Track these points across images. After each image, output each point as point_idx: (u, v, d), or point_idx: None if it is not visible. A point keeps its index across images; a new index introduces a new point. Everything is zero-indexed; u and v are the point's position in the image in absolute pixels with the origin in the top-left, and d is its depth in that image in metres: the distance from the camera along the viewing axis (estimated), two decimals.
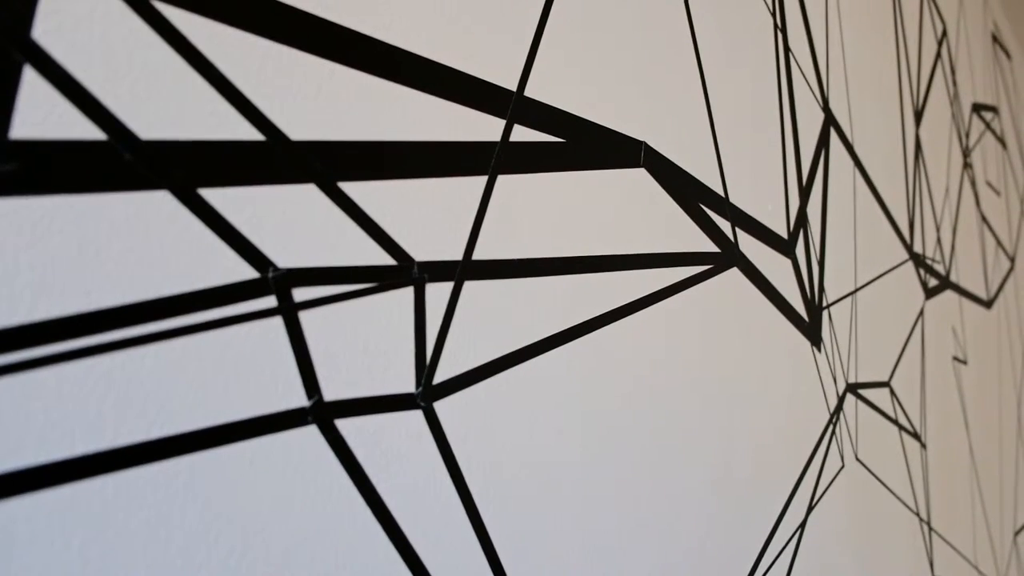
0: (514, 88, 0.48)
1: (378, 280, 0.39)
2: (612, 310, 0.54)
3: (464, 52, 0.45)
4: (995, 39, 2.05)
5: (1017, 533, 1.79)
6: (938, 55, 1.46)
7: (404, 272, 0.40)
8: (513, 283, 0.47)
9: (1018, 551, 1.78)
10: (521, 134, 0.48)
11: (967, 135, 1.64)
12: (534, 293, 0.48)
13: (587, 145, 0.53)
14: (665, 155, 0.62)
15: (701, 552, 0.63)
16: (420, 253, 0.41)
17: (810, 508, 0.80)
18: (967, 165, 1.61)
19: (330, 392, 0.37)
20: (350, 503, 0.37)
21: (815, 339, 0.83)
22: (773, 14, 0.81)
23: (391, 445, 0.39)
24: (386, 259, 0.40)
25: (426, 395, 0.40)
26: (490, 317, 0.45)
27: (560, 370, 0.50)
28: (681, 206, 0.63)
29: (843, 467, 0.88)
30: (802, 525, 0.78)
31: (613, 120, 0.56)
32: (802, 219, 0.83)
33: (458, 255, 0.43)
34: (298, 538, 0.35)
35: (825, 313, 0.86)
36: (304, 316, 0.36)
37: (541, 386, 0.48)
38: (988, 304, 1.69)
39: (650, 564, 0.57)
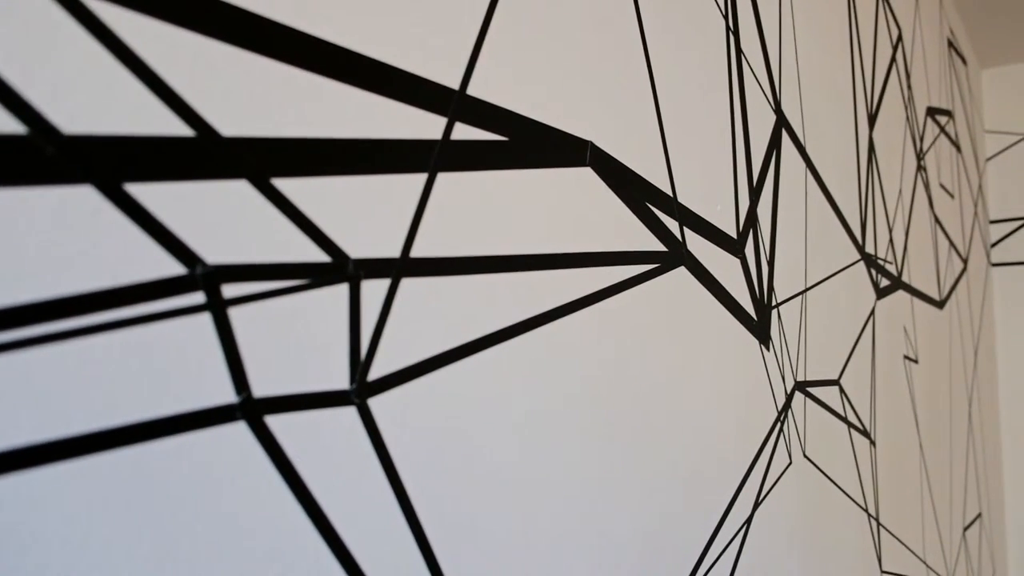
0: (456, 86, 0.48)
1: (311, 277, 0.39)
2: (554, 308, 0.54)
3: (404, 48, 0.45)
4: (951, 45, 2.09)
5: (966, 528, 1.83)
6: (893, 59, 1.49)
7: (339, 269, 0.40)
8: (455, 281, 0.47)
9: (966, 546, 1.82)
10: (463, 132, 0.48)
11: (921, 138, 1.67)
12: (476, 291, 0.49)
13: (531, 144, 0.53)
14: (612, 155, 0.62)
15: (645, 549, 0.64)
16: (357, 250, 0.41)
17: (756, 504, 0.81)
18: (921, 168, 1.64)
19: (263, 389, 0.37)
20: (280, 501, 0.37)
21: (764, 338, 0.84)
22: (725, 16, 0.82)
23: (324, 442, 0.39)
24: (322, 256, 0.40)
25: (360, 392, 0.40)
26: (429, 314, 0.45)
27: (501, 368, 0.50)
28: (628, 205, 0.63)
29: (791, 464, 0.89)
30: (748, 521, 0.79)
31: (560, 120, 0.57)
32: (752, 219, 0.84)
33: (397, 253, 0.43)
34: (225, 536, 0.35)
35: (774, 312, 0.88)
36: (236, 313, 0.36)
37: (481, 384, 0.48)
38: (940, 304, 1.73)
39: (591, 561, 0.58)
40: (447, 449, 0.46)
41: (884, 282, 1.31)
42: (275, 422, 0.37)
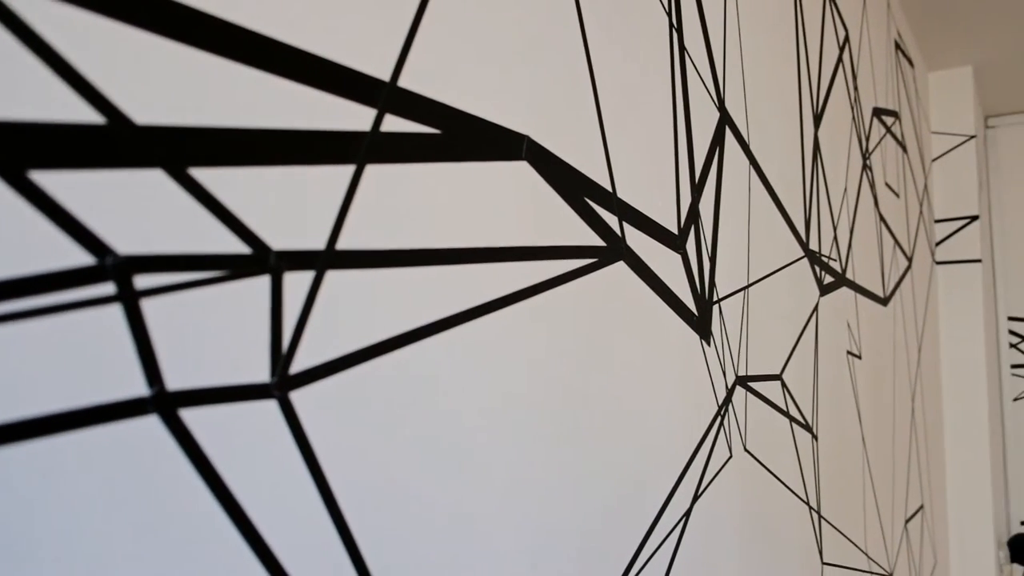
0: (387, 78, 0.48)
1: (230, 268, 0.38)
2: (487, 303, 0.54)
3: (334, 38, 0.44)
4: (898, 47, 2.13)
5: (908, 520, 1.87)
6: (839, 60, 1.51)
7: (259, 261, 0.39)
8: (386, 274, 0.47)
9: (908, 537, 1.86)
10: (395, 125, 0.48)
11: (867, 138, 1.70)
12: (407, 285, 0.48)
13: (464, 137, 0.53)
14: (550, 150, 0.62)
15: (584, 542, 0.64)
16: (284, 243, 0.41)
17: (696, 497, 0.82)
18: (866, 167, 1.67)
19: (180, 383, 0.36)
20: (195, 496, 0.36)
21: (704, 333, 0.85)
22: (669, 13, 0.83)
23: (244, 437, 0.38)
24: (242, 248, 0.39)
25: (281, 384, 0.40)
26: (358, 308, 0.45)
27: (431, 363, 0.50)
28: (565, 200, 0.64)
29: (731, 457, 0.90)
30: (687, 514, 0.80)
31: (497, 114, 0.57)
32: (694, 215, 0.85)
33: (323, 245, 0.43)
34: (136, 534, 0.34)
35: (716, 308, 0.89)
36: (154, 305, 0.35)
37: (409, 379, 0.48)
38: (884, 301, 1.76)
39: (529, 556, 0.58)
40: (374, 444, 0.46)
41: (828, 279, 1.33)
42: (192, 416, 0.36)
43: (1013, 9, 2.19)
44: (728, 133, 0.95)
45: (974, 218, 2.47)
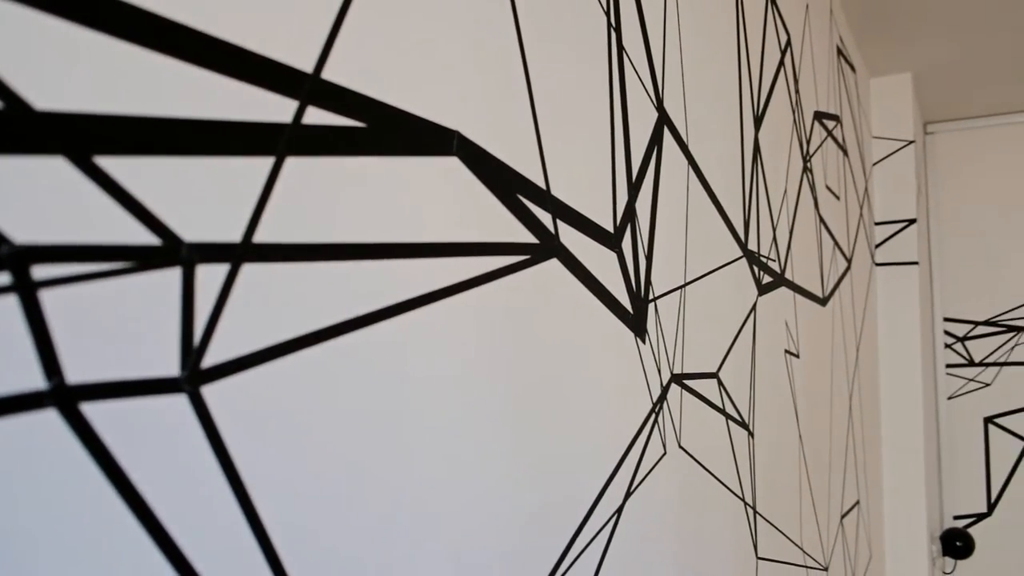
0: (311, 69, 0.47)
1: (138, 260, 0.37)
2: (412, 299, 0.54)
3: (255, 28, 0.44)
4: (840, 52, 2.17)
5: (844, 515, 1.92)
6: (781, 64, 1.54)
7: (170, 253, 0.39)
8: (307, 268, 0.46)
9: (844, 532, 1.90)
10: (318, 117, 0.47)
11: (808, 141, 1.73)
12: (330, 279, 0.48)
13: (390, 131, 0.53)
14: (483, 146, 0.62)
15: (512, 537, 0.64)
16: (197, 235, 0.40)
17: (628, 493, 0.82)
18: (807, 169, 1.71)
19: (84, 377, 0.35)
20: (99, 495, 0.35)
21: (639, 331, 0.86)
22: (607, 12, 0.83)
23: (152, 432, 0.38)
24: (153, 239, 0.38)
25: (192, 379, 0.39)
26: (276, 302, 0.44)
27: (352, 360, 0.49)
28: (498, 197, 0.64)
29: (665, 454, 0.91)
30: (619, 510, 0.80)
31: (425, 109, 0.56)
32: (630, 214, 0.85)
33: (240, 238, 0.42)
34: (34, 535, 0.33)
35: (652, 306, 0.90)
36: (54, 296, 0.34)
37: (330, 376, 0.48)
38: (823, 302, 1.80)
39: (457, 551, 0.58)
40: (292, 441, 0.45)
41: (767, 279, 1.36)
42: (96, 411, 0.35)
43: (952, 19, 2.25)
44: (666, 133, 0.96)
45: (912, 221, 2.54)
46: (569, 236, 0.74)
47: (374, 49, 0.52)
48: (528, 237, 0.67)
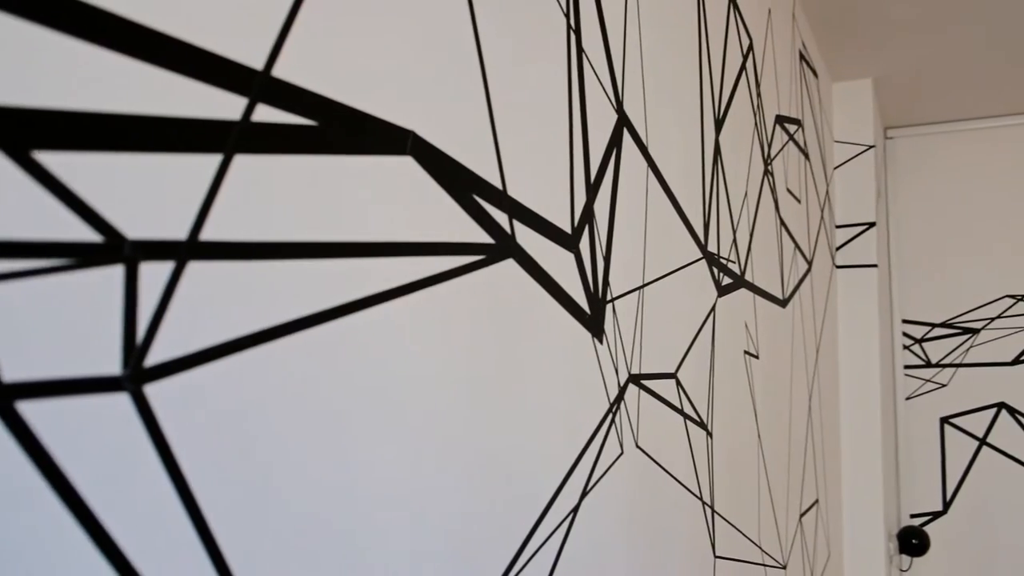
0: (261, 67, 0.47)
1: (78, 257, 0.37)
2: (363, 298, 0.54)
3: (204, 25, 0.43)
4: (802, 57, 2.20)
5: (803, 514, 1.94)
6: (743, 67, 1.56)
7: (112, 250, 0.38)
8: (256, 267, 0.46)
9: (803, 531, 1.93)
10: (269, 115, 0.47)
11: (769, 144, 1.75)
12: (280, 278, 0.48)
13: (343, 130, 0.53)
14: (438, 146, 0.62)
15: (466, 535, 0.64)
16: (142, 232, 0.40)
17: (584, 493, 0.83)
18: (768, 172, 1.73)
19: (22, 375, 0.35)
20: (36, 495, 0.35)
21: (597, 331, 0.87)
22: (567, 15, 0.84)
23: (93, 432, 0.37)
24: (94, 236, 0.38)
25: (134, 377, 0.39)
26: (224, 300, 0.44)
27: (303, 360, 0.49)
28: (453, 197, 0.64)
29: (622, 454, 0.92)
30: (575, 510, 0.81)
31: (379, 108, 0.56)
32: (588, 215, 0.86)
33: (186, 235, 0.42)
34: None
35: (610, 307, 0.90)
36: None
37: (280, 375, 0.47)
38: (783, 303, 1.82)
39: (408, 549, 0.58)
40: (240, 440, 0.45)
41: (726, 280, 1.37)
42: (33, 410, 0.35)
43: (912, 26, 2.29)
44: (626, 135, 0.97)
45: (871, 224, 2.58)
46: (526, 236, 0.74)
47: (327, 47, 0.52)
48: (484, 237, 0.68)
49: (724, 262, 1.36)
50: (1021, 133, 2.94)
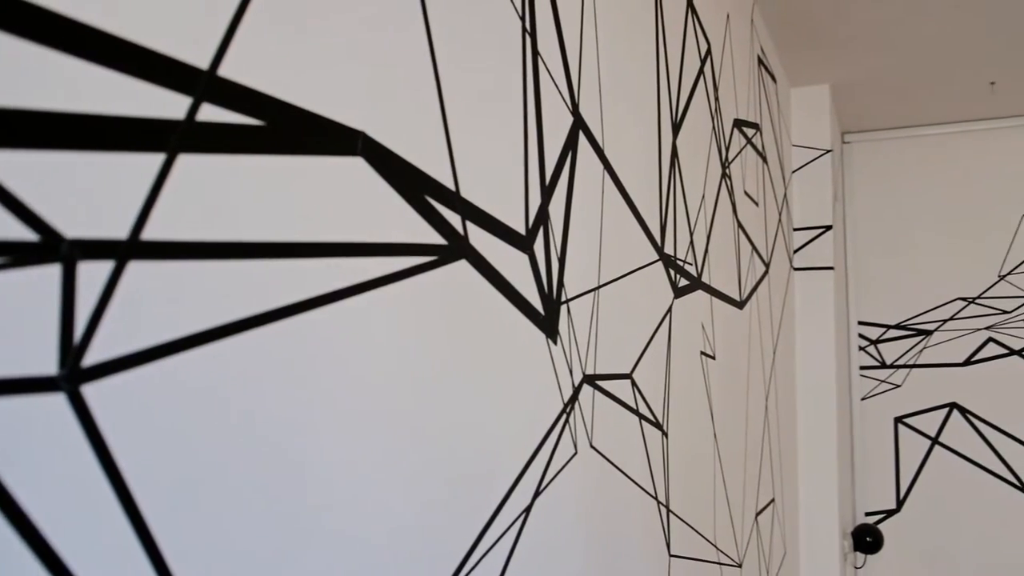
0: (207, 66, 0.47)
1: (14, 256, 0.36)
2: (311, 298, 0.54)
3: (148, 23, 0.43)
4: (761, 62, 2.23)
5: (759, 513, 1.97)
6: (701, 72, 1.58)
7: (49, 249, 0.38)
8: (202, 267, 0.46)
9: (758, 529, 1.95)
10: (215, 115, 0.47)
11: (727, 148, 1.78)
12: (226, 278, 0.47)
13: (291, 130, 0.52)
14: (390, 147, 0.63)
15: (419, 534, 0.64)
16: (82, 231, 0.39)
17: (537, 493, 0.84)
18: (726, 175, 1.75)
19: None
20: None
21: (551, 332, 0.87)
22: (522, 18, 0.84)
23: (28, 432, 0.37)
24: (30, 235, 0.37)
25: (71, 377, 0.38)
26: (168, 300, 0.44)
27: (250, 360, 0.49)
28: (404, 198, 0.64)
29: (576, 454, 0.93)
30: (527, 509, 0.81)
31: (329, 108, 0.56)
32: (543, 217, 0.86)
33: (127, 235, 0.42)
34: None
35: (564, 308, 0.91)
36: None
37: (226, 375, 0.47)
38: (740, 305, 1.85)
39: (353, 552, 0.58)
40: (183, 440, 0.44)
41: (683, 282, 1.39)
42: None
43: (868, 35, 2.34)
44: (582, 137, 0.98)
45: (828, 227, 2.62)
46: (479, 237, 0.74)
47: (276, 47, 0.52)
48: (436, 238, 0.68)
49: (681, 264, 1.38)
50: (974, 139, 3.01)
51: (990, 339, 2.91)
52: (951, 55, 2.47)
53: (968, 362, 2.93)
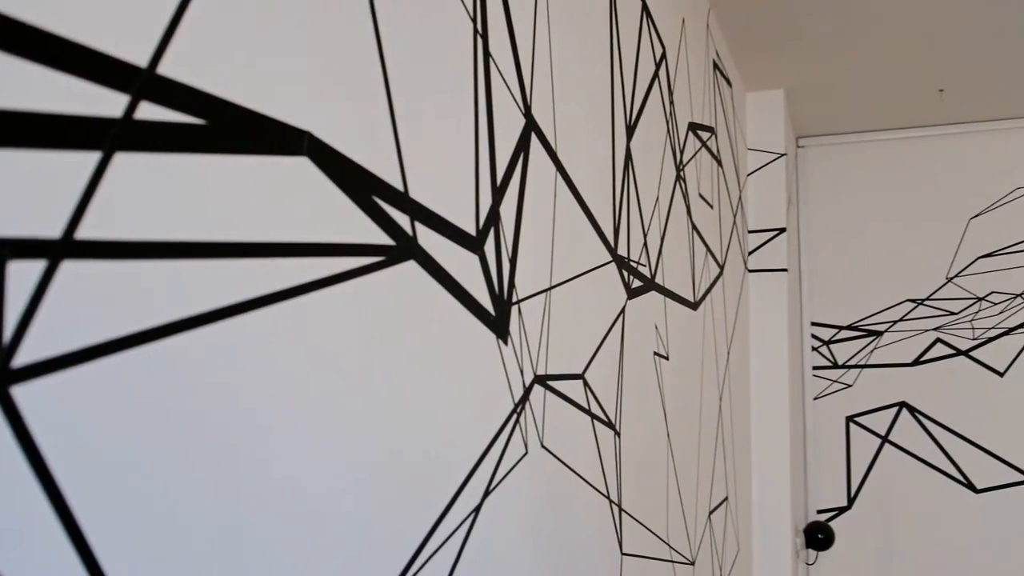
0: (146, 64, 0.46)
1: None
2: (255, 298, 0.53)
3: (85, 20, 0.43)
4: (716, 67, 2.26)
5: (712, 511, 2.00)
6: (656, 75, 1.59)
7: None
8: (140, 267, 0.45)
9: (712, 527, 1.98)
10: (156, 113, 0.47)
11: (682, 151, 1.80)
12: (165, 278, 0.47)
13: (234, 129, 0.52)
14: (337, 148, 0.62)
15: (360, 537, 0.64)
16: (12, 230, 0.39)
17: (487, 492, 0.84)
18: (680, 178, 1.77)
19: None
20: None
21: (501, 333, 0.88)
22: (474, 19, 0.84)
23: None
24: None
25: (0, 378, 0.38)
26: (103, 300, 0.43)
27: (187, 362, 0.49)
28: (352, 199, 0.64)
29: (526, 454, 0.93)
30: (477, 509, 0.82)
31: (275, 108, 0.56)
32: (494, 217, 0.87)
33: (60, 234, 0.41)
34: None
35: (515, 308, 0.91)
36: None
37: (160, 376, 0.47)
38: (694, 306, 1.87)
39: (296, 554, 0.58)
40: (116, 443, 0.44)
41: (636, 283, 1.40)
42: None
43: (822, 40, 2.38)
44: (534, 139, 0.98)
45: (782, 230, 2.67)
46: (428, 238, 0.74)
47: (220, 46, 0.52)
48: (384, 239, 0.68)
49: (634, 265, 1.39)
50: (923, 145, 3.08)
51: (938, 340, 2.98)
52: (902, 62, 2.52)
53: (917, 362, 3.00)
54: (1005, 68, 2.56)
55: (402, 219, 0.70)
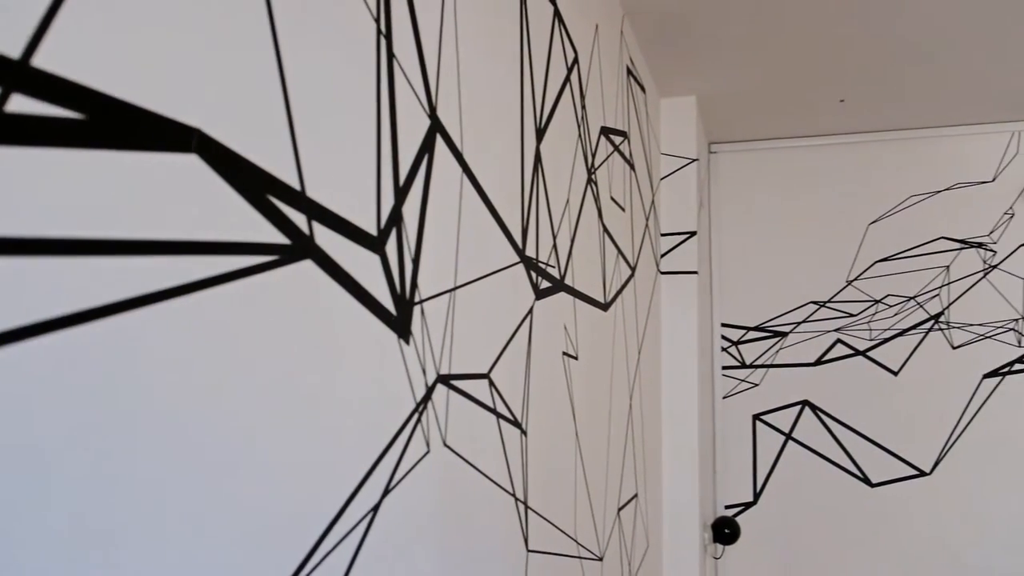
0: (18, 55, 0.45)
1: None
2: (136, 297, 0.53)
3: None
4: (630, 72, 2.31)
5: (621, 508, 2.04)
6: (567, 80, 1.62)
7: None
8: (10, 264, 0.44)
9: (620, 524, 2.02)
10: (28, 106, 0.46)
11: (594, 155, 1.83)
12: (42, 276, 0.46)
13: (116, 125, 0.51)
14: (230, 146, 0.62)
15: (248, 537, 0.64)
16: None
17: (386, 491, 0.84)
18: (592, 181, 1.80)
19: None
20: None
21: (403, 332, 0.88)
22: (377, 20, 0.85)
23: None
24: None
25: None
26: None
27: (64, 363, 0.48)
28: (244, 197, 0.63)
29: (428, 452, 0.94)
30: (376, 508, 0.82)
31: (162, 104, 0.55)
32: (396, 217, 0.87)
33: None
34: None
35: (418, 308, 0.92)
36: None
37: (35, 380, 0.46)
38: (605, 307, 1.91)
39: (182, 557, 0.57)
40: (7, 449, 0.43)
41: (545, 284, 1.42)
42: None
43: (733, 50, 2.46)
44: (439, 140, 0.99)
45: (693, 233, 2.74)
46: (326, 238, 0.74)
47: (101, 37, 0.51)
48: (279, 238, 0.67)
49: (543, 266, 1.41)
50: (826, 152, 3.21)
51: (838, 340, 3.11)
52: (806, 73, 2.62)
53: (819, 362, 3.12)
54: (899, 83, 2.69)
55: (299, 218, 0.70)
